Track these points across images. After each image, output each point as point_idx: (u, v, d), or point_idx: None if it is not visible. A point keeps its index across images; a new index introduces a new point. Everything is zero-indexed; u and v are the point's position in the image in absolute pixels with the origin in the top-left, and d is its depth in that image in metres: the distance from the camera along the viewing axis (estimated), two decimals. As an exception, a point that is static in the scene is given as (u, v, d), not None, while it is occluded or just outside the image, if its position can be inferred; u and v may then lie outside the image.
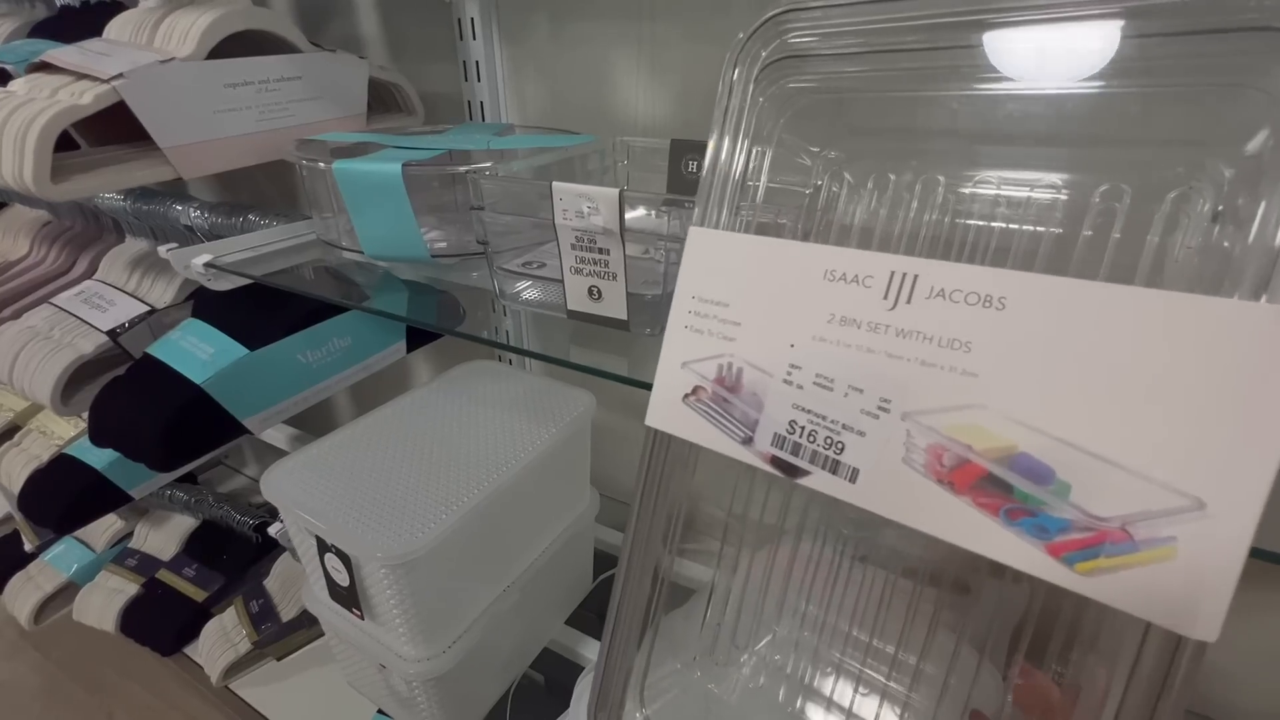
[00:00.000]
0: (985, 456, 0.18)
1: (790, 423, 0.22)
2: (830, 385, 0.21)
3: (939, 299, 0.19)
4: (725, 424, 0.23)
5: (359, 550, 0.48)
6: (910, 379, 0.19)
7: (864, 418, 0.20)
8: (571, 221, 0.34)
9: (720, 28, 0.60)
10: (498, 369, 0.73)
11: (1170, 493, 0.15)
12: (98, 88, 0.48)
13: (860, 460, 0.20)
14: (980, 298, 0.19)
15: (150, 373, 0.63)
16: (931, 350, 0.19)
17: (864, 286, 0.21)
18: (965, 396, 0.18)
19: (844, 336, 0.21)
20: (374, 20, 0.81)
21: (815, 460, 0.21)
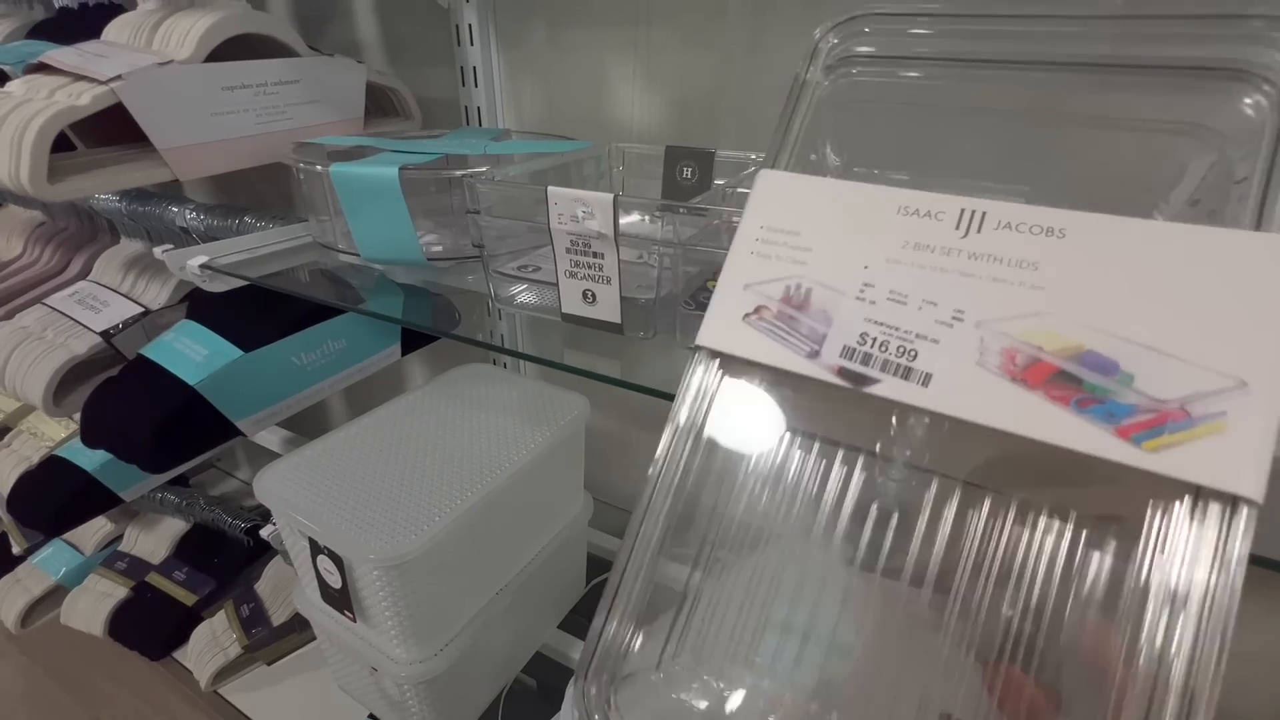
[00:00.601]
0: (1055, 355, 0.20)
1: (861, 335, 0.23)
2: (904, 300, 0.23)
3: (1006, 229, 0.22)
4: (790, 339, 0.24)
5: (352, 552, 0.48)
6: (983, 292, 0.22)
7: (938, 327, 0.22)
8: (567, 226, 0.35)
9: (716, 35, 0.61)
10: (492, 372, 0.73)
11: (1219, 375, 0.18)
12: (95, 89, 0.48)
13: (934, 365, 0.22)
14: (1043, 229, 0.22)
15: (144, 374, 0.63)
16: (1002, 269, 0.22)
17: (936, 220, 0.23)
18: (1034, 306, 0.21)
19: (918, 259, 0.23)
20: (372, 25, 0.81)
21: (886, 368, 0.23)
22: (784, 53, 0.58)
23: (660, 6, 0.62)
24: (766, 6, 0.58)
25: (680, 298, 0.38)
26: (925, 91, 0.30)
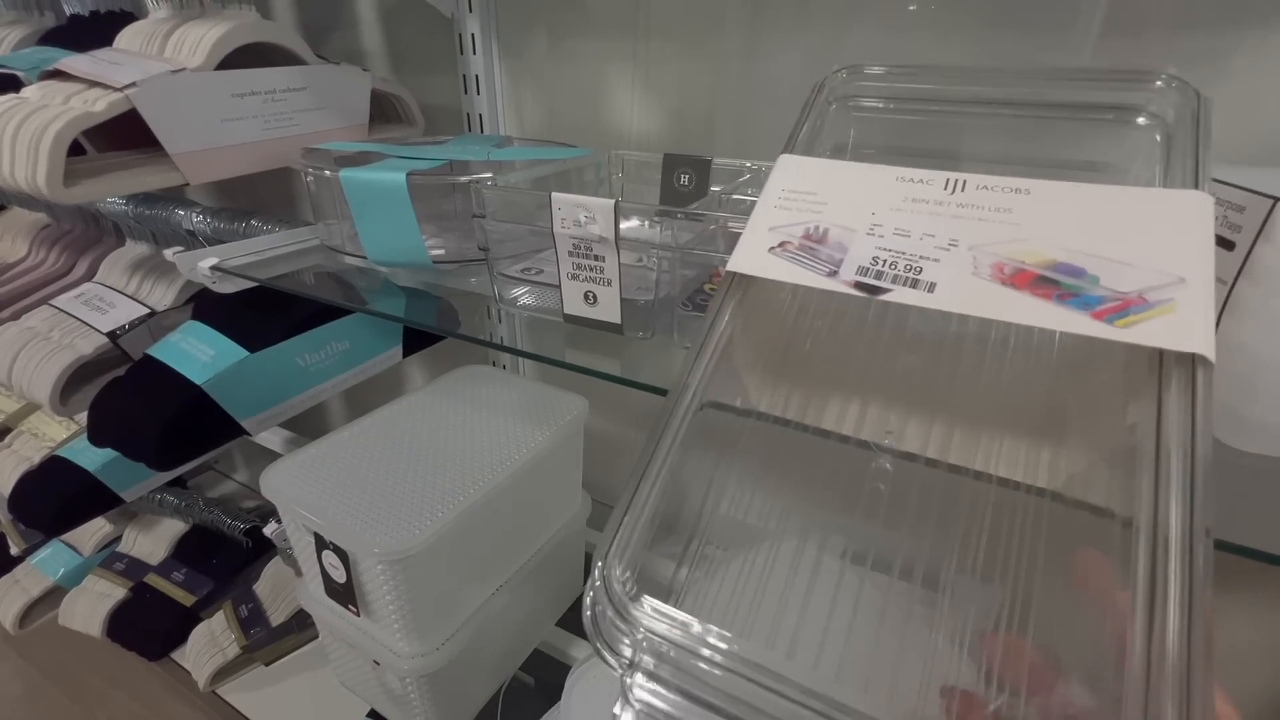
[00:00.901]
0: (1036, 266, 0.25)
1: (874, 258, 0.28)
2: (907, 234, 0.28)
3: (984, 190, 0.28)
4: (811, 263, 0.29)
5: (357, 546, 0.49)
6: (971, 227, 0.27)
7: (937, 250, 0.27)
8: (569, 230, 0.36)
9: (713, 48, 0.63)
10: (492, 374, 0.74)
11: (1164, 274, 0.24)
12: (110, 95, 0.49)
13: (937, 276, 0.27)
14: (1013, 189, 0.28)
15: (151, 373, 0.64)
16: (984, 213, 0.28)
17: (928, 185, 0.29)
18: (1013, 235, 0.27)
19: (916, 209, 0.29)
20: (376, 33, 0.83)
21: (896, 280, 0.27)
22: (778, 64, 0.60)
23: (659, 19, 0.64)
24: (762, 21, 0.59)
25: (678, 300, 0.39)
26: (910, 124, 0.37)
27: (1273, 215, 0.27)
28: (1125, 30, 0.47)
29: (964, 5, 0.52)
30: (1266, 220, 0.27)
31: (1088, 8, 0.47)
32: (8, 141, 0.49)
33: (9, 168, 0.49)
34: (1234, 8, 0.44)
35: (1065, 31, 0.49)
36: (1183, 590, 0.19)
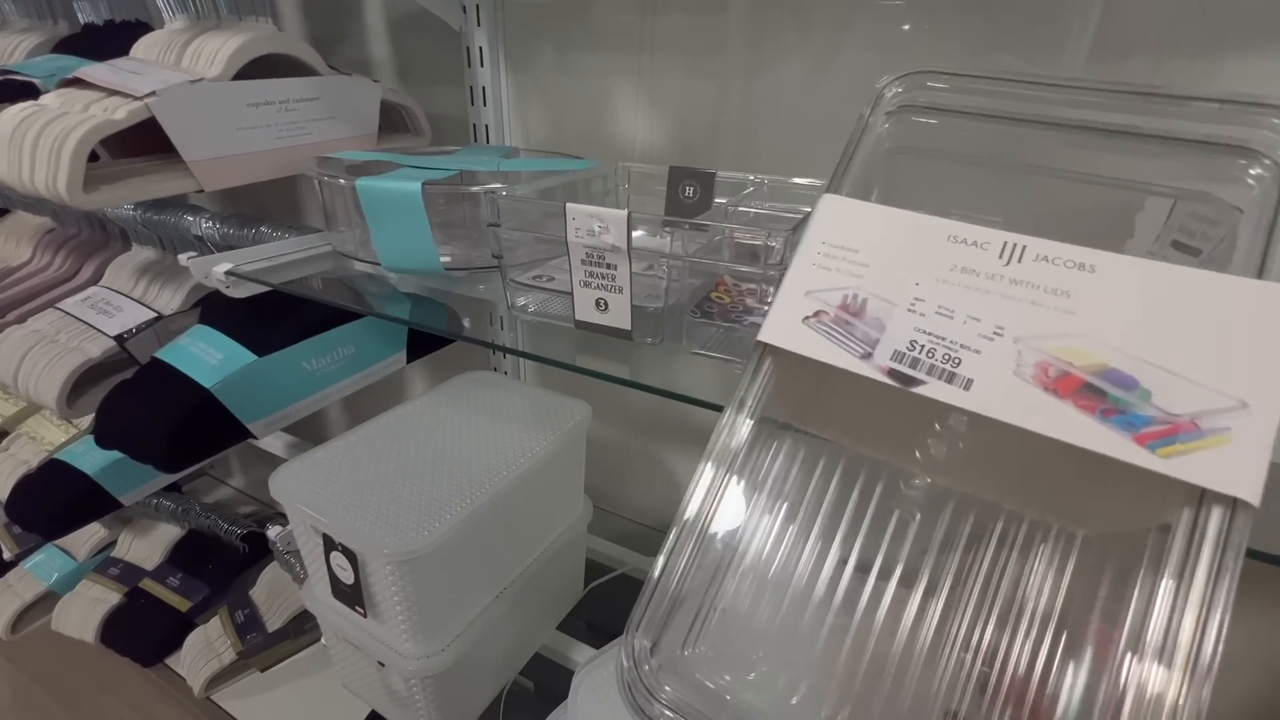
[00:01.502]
0: (1083, 370, 0.23)
1: (911, 341, 0.26)
2: (951, 314, 0.26)
3: (1043, 261, 0.25)
4: (846, 342, 0.27)
5: (366, 547, 0.50)
6: (1021, 313, 0.25)
7: (980, 339, 0.25)
8: (583, 239, 0.38)
9: (715, 64, 0.65)
10: (496, 379, 0.75)
11: (1225, 396, 0.21)
12: (131, 104, 0.51)
13: (975, 373, 0.24)
14: (1076, 264, 0.25)
15: (159, 376, 0.65)
16: (1038, 294, 0.25)
17: (982, 249, 0.26)
18: (1066, 328, 0.24)
19: (964, 281, 0.26)
20: (384, 45, 0.84)
21: (932, 373, 0.25)
22: (779, 80, 0.62)
23: (663, 35, 0.66)
24: (763, 39, 0.61)
25: (686, 307, 0.41)
26: (970, 142, 0.34)
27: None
28: (1113, 52, 0.49)
29: (955, 25, 0.54)
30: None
31: (1078, 30, 0.50)
32: (29, 147, 0.50)
33: (29, 173, 0.50)
34: (1216, 33, 0.46)
35: (1056, 52, 0.51)
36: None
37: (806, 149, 0.63)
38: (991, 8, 0.52)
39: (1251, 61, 0.46)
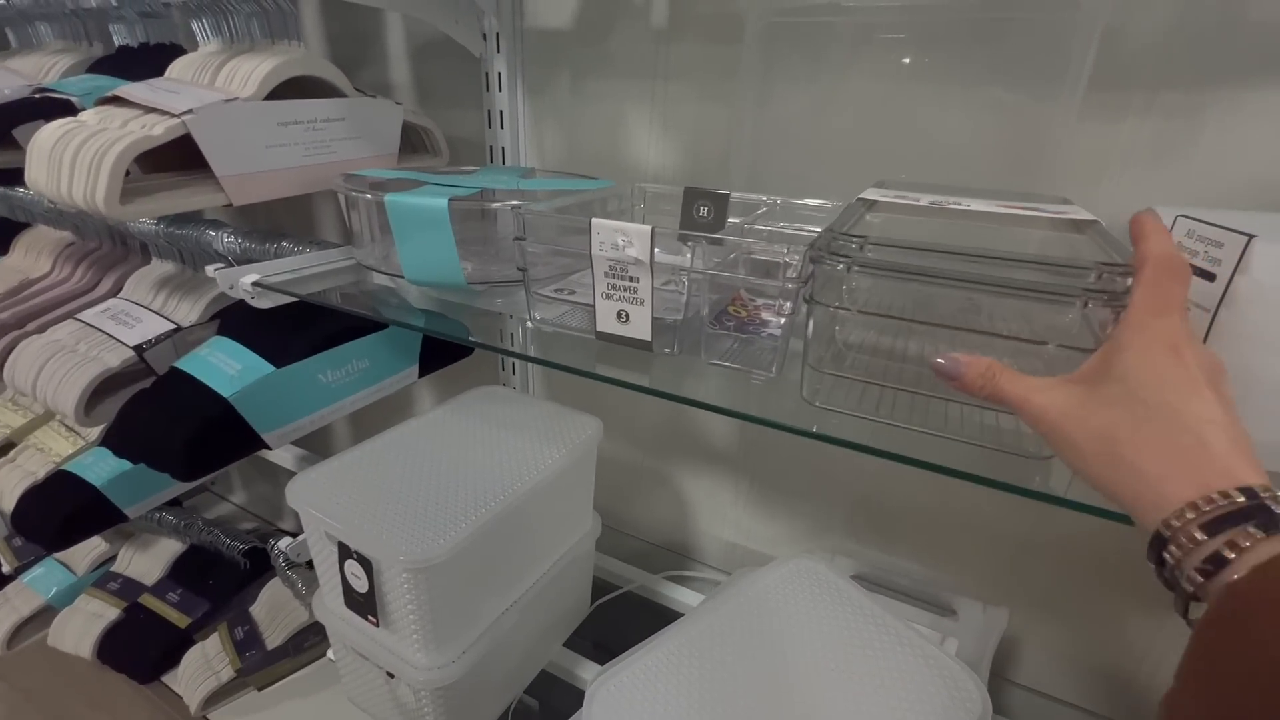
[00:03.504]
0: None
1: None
2: None
3: None
4: None
5: (381, 554, 0.51)
6: None
7: None
8: (607, 253, 0.39)
9: (727, 89, 0.67)
10: (507, 394, 0.76)
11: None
12: (168, 121, 0.53)
13: None
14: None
15: (178, 385, 0.66)
16: None
17: None
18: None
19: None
20: (405, 69, 0.87)
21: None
22: (788, 109, 0.65)
23: (677, 63, 0.69)
24: (773, 69, 0.64)
25: (704, 320, 0.42)
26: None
27: (1248, 250, 0.30)
28: (1111, 85, 0.52)
29: (957, 58, 0.56)
30: (1242, 255, 0.30)
31: (1077, 62, 0.52)
32: (68, 161, 0.52)
33: (67, 185, 0.52)
34: (1208, 69, 0.49)
35: (1056, 85, 0.53)
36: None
37: (814, 172, 0.65)
38: (992, 40, 0.55)
39: (1240, 94, 0.48)
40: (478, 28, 0.74)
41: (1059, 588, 0.69)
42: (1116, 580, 0.65)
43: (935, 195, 0.44)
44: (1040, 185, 0.54)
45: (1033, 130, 0.55)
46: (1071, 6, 0.51)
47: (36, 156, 0.54)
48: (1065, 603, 0.69)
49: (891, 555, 0.75)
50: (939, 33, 0.56)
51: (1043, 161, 0.55)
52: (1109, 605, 0.67)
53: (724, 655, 0.49)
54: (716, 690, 0.46)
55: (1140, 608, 0.65)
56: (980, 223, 0.38)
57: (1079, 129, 0.53)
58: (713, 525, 0.90)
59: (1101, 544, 0.64)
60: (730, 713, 0.44)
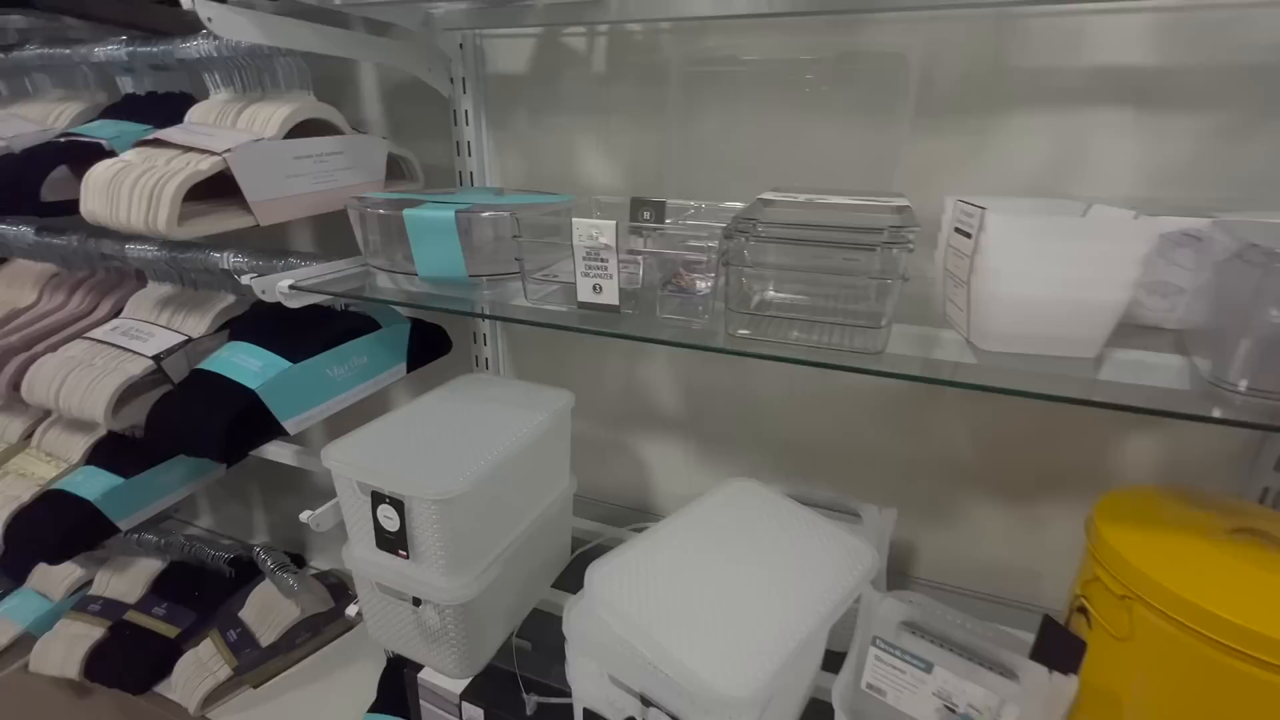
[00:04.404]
0: None
1: None
2: None
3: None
4: None
5: (412, 491, 0.64)
6: None
7: None
8: (584, 242, 0.55)
9: (658, 121, 0.85)
10: (492, 378, 0.90)
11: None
12: (211, 158, 0.65)
13: None
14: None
15: (206, 383, 0.76)
16: None
17: None
18: None
19: None
20: (378, 107, 1.01)
21: None
22: (707, 132, 0.83)
23: (616, 101, 0.86)
24: (694, 103, 0.82)
25: (656, 287, 0.58)
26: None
27: (983, 218, 0.49)
28: (929, 114, 0.73)
29: (826, 96, 0.76)
30: (981, 221, 0.49)
31: (905, 100, 0.73)
32: (125, 192, 0.63)
33: (125, 213, 0.63)
34: (988, 102, 0.70)
35: (894, 114, 0.74)
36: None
37: (728, 182, 0.84)
38: (849, 83, 0.75)
39: (1010, 119, 0.70)
40: (447, 74, 0.89)
41: (941, 497, 0.89)
42: (984, 487, 0.86)
43: (810, 194, 0.63)
44: (887, 185, 0.75)
45: (881, 147, 0.75)
46: (900, 61, 0.72)
47: (93, 190, 0.65)
48: (946, 509, 0.89)
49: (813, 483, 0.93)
50: (811, 78, 0.76)
51: (888, 169, 0.75)
52: (979, 508, 0.87)
53: (687, 546, 0.65)
54: (683, 568, 0.61)
55: (1002, 507, 0.86)
56: (836, 210, 0.57)
57: (912, 145, 0.74)
58: (668, 483, 1.06)
59: (969, 459, 0.85)
60: (692, 582, 0.59)
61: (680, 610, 0.56)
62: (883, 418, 0.88)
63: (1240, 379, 0.43)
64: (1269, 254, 0.40)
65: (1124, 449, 0.78)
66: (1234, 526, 0.56)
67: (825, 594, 0.59)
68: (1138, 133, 0.67)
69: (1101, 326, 0.48)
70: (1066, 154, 0.69)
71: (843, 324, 0.51)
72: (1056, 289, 0.47)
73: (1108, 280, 0.46)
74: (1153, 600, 0.53)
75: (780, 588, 0.59)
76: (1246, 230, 0.44)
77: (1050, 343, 0.49)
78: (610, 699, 0.56)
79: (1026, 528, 0.85)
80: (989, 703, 0.59)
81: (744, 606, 0.57)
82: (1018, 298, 0.48)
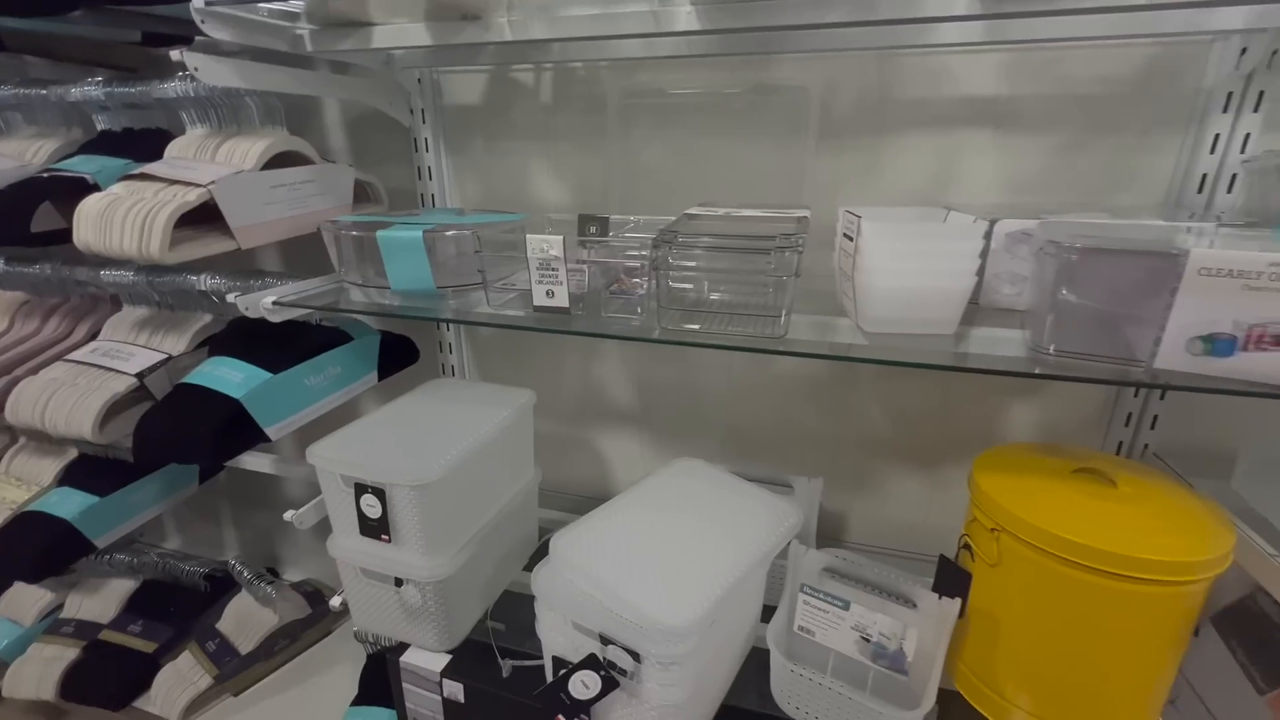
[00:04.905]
0: None
1: None
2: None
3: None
4: None
5: (392, 480, 0.72)
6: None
7: None
8: (537, 254, 0.65)
9: (600, 145, 0.95)
10: (459, 382, 0.99)
11: None
12: (197, 189, 0.72)
13: None
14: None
15: (191, 395, 0.83)
16: None
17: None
18: None
19: None
20: (343, 135, 1.09)
21: None
22: (645, 156, 0.94)
23: (564, 129, 0.97)
24: (631, 130, 0.93)
25: (601, 292, 0.68)
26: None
27: (860, 224, 0.61)
28: (830, 136, 0.85)
29: (743, 122, 0.88)
30: (859, 226, 0.61)
31: (808, 124, 0.85)
32: (118, 222, 0.70)
33: (118, 241, 0.70)
34: (877, 126, 0.83)
35: (800, 136, 0.86)
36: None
37: (662, 199, 0.95)
38: (761, 111, 0.87)
39: (895, 140, 0.83)
40: (407, 106, 0.98)
41: (864, 469, 1.01)
42: (899, 458, 0.98)
43: (730, 208, 0.74)
44: (798, 198, 0.87)
45: (791, 165, 0.87)
46: (803, 92, 0.85)
47: (86, 221, 0.71)
48: (869, 479, 1.01)
49: (753, 462, 1.04)
50: (731, 107, 0.88)
51: (798, 183, 0.87)
52: (896, 476, 1.00)
53: (638, 514, 0.75)
54: (634, 531, 0.71)
55: (915, 474, 0.98)
56: (747, 221, 0.69)
57: (816, 164, 0.86)
58: (626, 473, 1.16)
59: (886, 433, 0.97)
60: (642, 541, 0.69)
61: (631, 563, 0.65)
62: (810, 401, 1.00)
63: (1050, 344, 0.55)
64: (1060, 247, 0.53)
65: (1009, 416, 0.92)
66: (1076, 467, 0.69)
67: (756, 544, 0.70)
68: (996, 150, 0.80)
69: (954, 309, 0.60)
70: (942, 168, 0.83)
71: (753, 315, 0.61)
72: (916, 280, 0.59)
73: (954, 271, 0.58)
74: (1014, 530, 0.65)
75: (717, 541, 0.70)
76: (1053, 228, 0.57)
77: (917, 324, 0.61)
78: (575, 645, 0.65)
79: (936, 490, 0.98)
80: (895, 629, 0.70)
81: (686, 557, 0.67)
82: (889, 288, 0.60)
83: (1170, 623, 0.62)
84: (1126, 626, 0.62)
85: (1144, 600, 0.60)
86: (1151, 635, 0.63)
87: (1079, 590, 0.62)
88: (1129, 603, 0.61)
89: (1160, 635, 0.63)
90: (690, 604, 0.60)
